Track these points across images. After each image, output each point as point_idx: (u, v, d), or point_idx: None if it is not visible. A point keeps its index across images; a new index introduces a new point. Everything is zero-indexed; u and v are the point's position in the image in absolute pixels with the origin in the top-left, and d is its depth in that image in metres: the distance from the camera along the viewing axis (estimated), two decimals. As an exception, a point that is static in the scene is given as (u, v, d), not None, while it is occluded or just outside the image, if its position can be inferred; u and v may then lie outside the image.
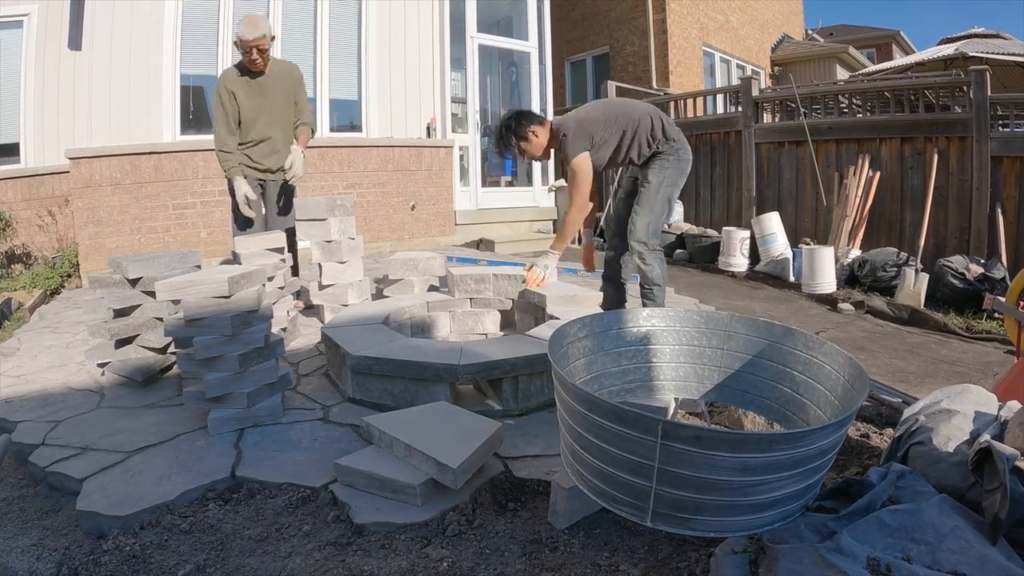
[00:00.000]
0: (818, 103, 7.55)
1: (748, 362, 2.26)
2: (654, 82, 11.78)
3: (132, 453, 2.34)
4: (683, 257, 7.67)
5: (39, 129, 6.75)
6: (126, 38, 6.04)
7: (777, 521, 1.58)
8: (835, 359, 1.95)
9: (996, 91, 6.28)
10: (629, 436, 1.52)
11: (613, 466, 1.59)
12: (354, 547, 1.82)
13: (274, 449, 2.38)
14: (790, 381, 2.14)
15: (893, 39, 21.43)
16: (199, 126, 6.64)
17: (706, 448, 1.46)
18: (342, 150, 7.09)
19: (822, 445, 1.53)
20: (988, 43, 12.42)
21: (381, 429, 2.19)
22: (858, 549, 1.46)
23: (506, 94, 9.75)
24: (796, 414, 2.10)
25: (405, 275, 4.20)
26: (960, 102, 6.20)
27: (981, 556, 1.44)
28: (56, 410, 2.76)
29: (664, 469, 1.50)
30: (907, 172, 6.44)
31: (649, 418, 1.48)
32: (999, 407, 1.94)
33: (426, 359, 2.66)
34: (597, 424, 1.58)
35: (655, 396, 2.34)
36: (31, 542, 1.94)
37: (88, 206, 5.90)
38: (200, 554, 1.81)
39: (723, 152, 8.16)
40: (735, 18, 14.18)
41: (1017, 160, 5.75)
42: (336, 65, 7.32)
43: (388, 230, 7.61)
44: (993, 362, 3.93)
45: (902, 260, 5.82)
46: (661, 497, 1.53)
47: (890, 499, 1.66)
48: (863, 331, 4.65)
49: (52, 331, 4.21)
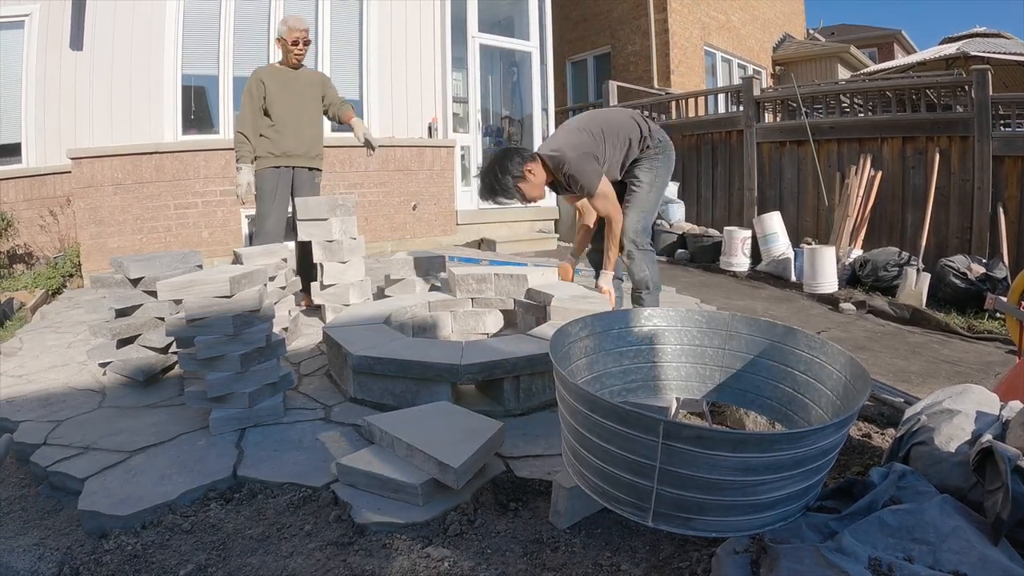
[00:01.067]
0: (820, 103, 7.55)
1: (750, 362, 2.26)
2: (655, 82, 11.77)
3: (134, 453, 2.34)
4: (684, 257, 7.67)
5: (40, 129, 6.76)
6: (127, 38, 6.05)
7: (778, 521, 1.58)
8: (837, 359, 1.95)
9: (998, 91, 6.28)
10: (631, 436, 1.52)
11: (615, 466, 1.59)
12: (355, 547, 1.82)
13: (275, 449, 2.38)
14: (792, 381, 2.13)
15: (895, 38, 21.41)
16: (201, 126, 6.65)
17: (708, 448, 1.46)
18: (343, 150, 7.09)
19: (823, 445, 1.53)
20: (990, 42, 12.41)
21: (382, 429, 2.19)
22: (860, 549, 1.46)
23: (507, 94, 9.76)
24: (798, 414, 2.10)
25: (408, 275, 4.21)
26: (962, 102, 6.19)
27: (983, 556, 1.44)
28: (58, 410, 2.77)
29: (666, 469, 1.50)
30: (909, 172, 6.43)
31: (650, 418, 1.48)
32: (1001, 407, 1.94)
33: (428, 359, 2.67)
34: (599, 424, 1.58)
35: (657, 396, 2.34)
36: (33, 542, 1.94)
37: (90, 206, 5.91)
38: (201, 554, 1.81)
39: (724, 152, 8.16)
40: (736, 18, 14.17)
41: (1019, 160, 5.75)
42: (337, 65, 7.33)
43: (389, 230, 7.62)
44: (995, 362, 3.93)
45: (904, 260, 5.82)
46: (663, 497, 1.53)
47: (892, 499, 1.66)
48: (865, 331, 4.65)
49: (54, 331, 4.22)
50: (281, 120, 4.23)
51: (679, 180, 8.63)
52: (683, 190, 8.60)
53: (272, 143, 4.23)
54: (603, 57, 13.02)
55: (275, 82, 4.22)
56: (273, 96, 4.20)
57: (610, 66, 12.68)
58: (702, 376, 2.35)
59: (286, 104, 4.25)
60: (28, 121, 6.78)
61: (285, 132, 4.25)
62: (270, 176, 4.27)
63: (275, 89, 4.21)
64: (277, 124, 4.23)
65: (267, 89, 4.18)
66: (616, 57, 12.70)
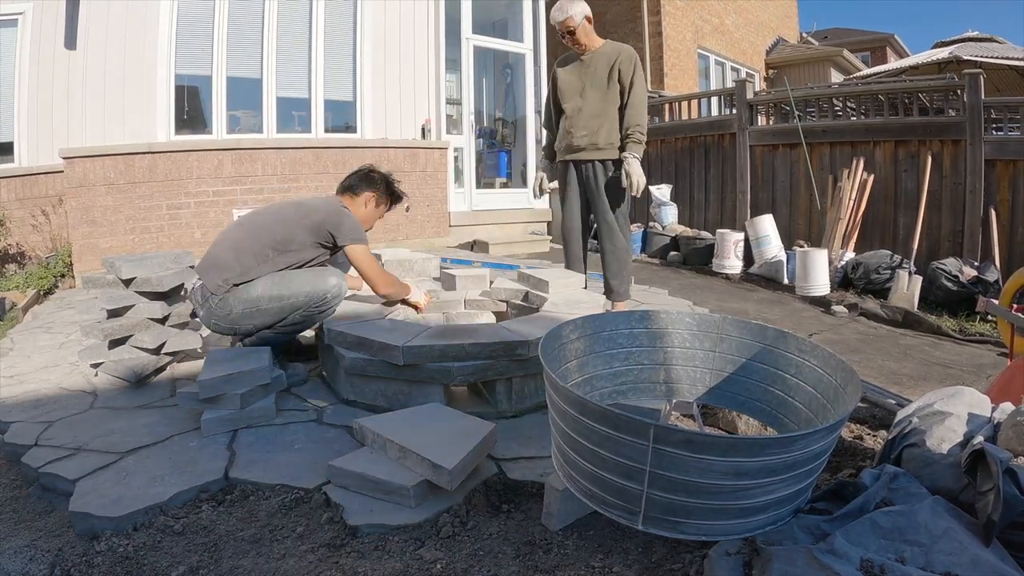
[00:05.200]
0: (812, 106, 7.58)
1: (741, 365, 2.27)
2: (649, 84, 11.80)
3: (125, 454, 2.33)
4: (677, 259, 7.69)
5: (33, 128, 6.71)
6: (121, 37, 6.03)
7: (769, 525, 1.59)
8: (827, 363, 1.96)
9: (990, 94, 6.31)
10: (621, 440, 1.52)
11: (605, 470, 1.59)
12: (348, 549, 1.82)
13: (268, 450, 2.37)
14: (782, 384, 2.14)
15: (887, 42, 21.52)
16: (194, 126, 6.62)
17: (697, 452, 1.46)
18: (336, 151, 7.07)
19: (814, 449, 1.54)
20: (982, 47, 12.48)
21: (375, 431, 2.19)
22: (852, 550, 1.47)
23: (501, 96, 9.76)
24: (788, 417, 2.11)
25: (400, 276, 4.19)
26: (954, 105, 6.23)
27: (974, 558, 1.45)
28: (49, 411, 2.75)
29: (656, 473, 1.50)
30: (901, 175, 6.47)
31: (640, 422, 1.49)
32: (992, 409, 1.95)
33: (386, 339, 2.66)
34: (588, 427, 1.58)
35: (647, 399, 2.34)
36: (24, 543, 1.93)
37: (82, 206, 5.88)
38: (193, 555, 1.80)
39: (717, 154, 8.18)
40: (730, 21, 14.22)
41: (1010, 163, 5.79)
42: (331, 66, 7.31)
43: (382, 231, 7.59)
44: (986, 364, 3.95)
45: (896, 263, 5.85)
46: (653, 501, 1.53)
47: (884, 501, 1.67)
48: (857, 333, 4.66)
49: (46, 331, 4.19)
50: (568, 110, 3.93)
51: (672, 183, 8.65)
52: (676, 192, 8.61)
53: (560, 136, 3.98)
54: (597, 59, 13.04)
55: (564, 71, 3.97)
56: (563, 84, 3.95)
57: (604, 68, 12.69)
58: (693, 379, 2.35)
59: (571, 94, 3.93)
60: (20, 120, 6.73)
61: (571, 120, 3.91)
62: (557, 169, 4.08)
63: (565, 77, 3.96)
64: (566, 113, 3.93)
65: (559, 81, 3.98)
66: (610, 59, 12.72)
